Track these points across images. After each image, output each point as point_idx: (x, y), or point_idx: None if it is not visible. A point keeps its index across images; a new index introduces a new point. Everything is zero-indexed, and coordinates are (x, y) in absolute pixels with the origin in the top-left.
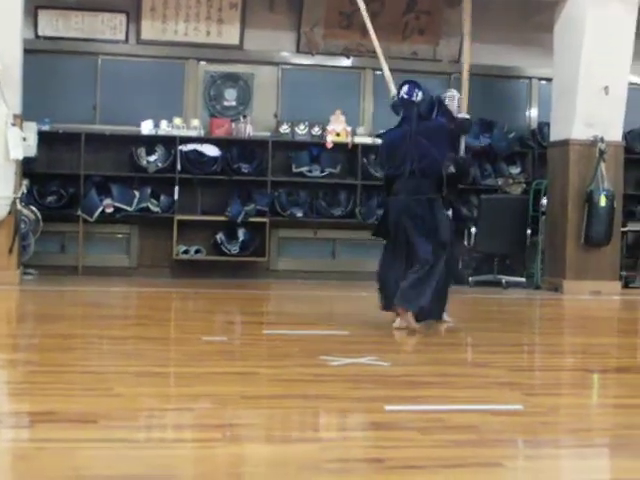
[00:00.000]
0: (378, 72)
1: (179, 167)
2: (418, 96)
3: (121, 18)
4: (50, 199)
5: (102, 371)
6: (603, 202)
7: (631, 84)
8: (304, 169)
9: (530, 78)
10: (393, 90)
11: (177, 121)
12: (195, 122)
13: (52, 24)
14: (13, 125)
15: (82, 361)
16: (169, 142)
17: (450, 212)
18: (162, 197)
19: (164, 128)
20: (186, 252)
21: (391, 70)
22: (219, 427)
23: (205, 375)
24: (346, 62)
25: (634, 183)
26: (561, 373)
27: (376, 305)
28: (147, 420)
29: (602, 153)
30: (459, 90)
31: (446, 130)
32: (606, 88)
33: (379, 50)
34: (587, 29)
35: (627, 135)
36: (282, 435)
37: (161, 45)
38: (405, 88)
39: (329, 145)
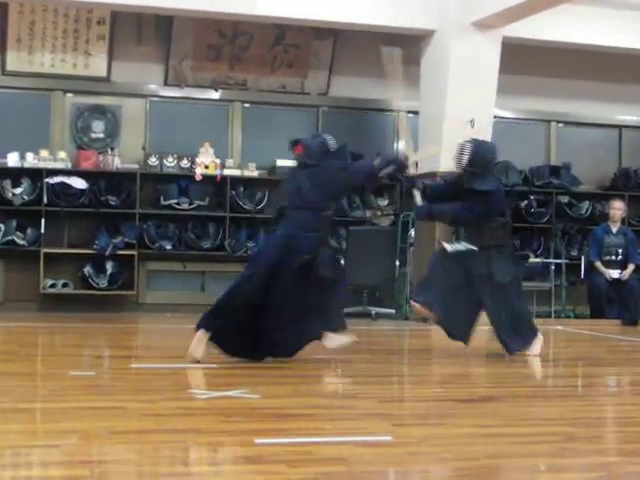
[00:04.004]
0: (246, 105)
1: (45, 200)
2: None
3: None
4: None
5: None
6: None
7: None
8: (172, 201)
9: (398, 111)
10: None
11: (43, 153)
12: (62, 154)
13: None
14: None
15: None
16: (35, 174)
17: None
18: (28, 230)
19: (30, 160)
20: (53, 286)
21: (260, 103)
22: (87, 463)
23: (72, 410)
24: (214, 94)
25: None
26: (430, 403)
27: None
28: (13, 458)
29: None
30: None
31: None
32: (472, 121)
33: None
34: (452, 63)
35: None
36: (151, 470)
37: (27, 77)
38: None
39: (198, 177)
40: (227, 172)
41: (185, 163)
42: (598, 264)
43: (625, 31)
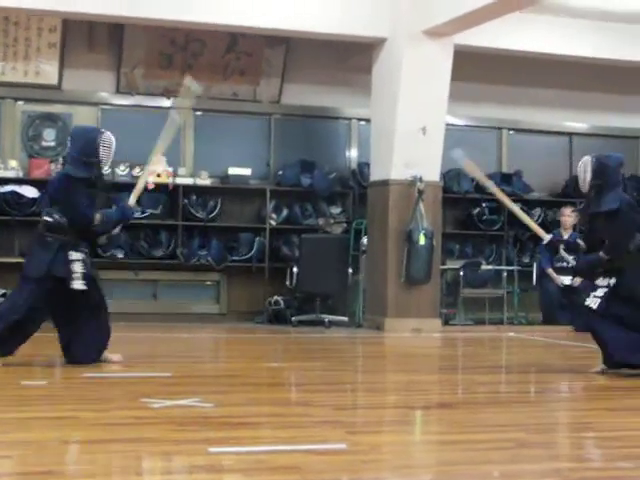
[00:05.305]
0: (198, 112)
1: None
2: None
3: None
4: None
5: None
6: (422, 241)
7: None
8: None
9: (350, 119)
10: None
11: None
12: (13, 163)
13: None
14: None
15: None
16: None
17: None
18: None
19: None
20: (4, 295)
21: (212, 111)
22: (39, 474)
23: (24, 420)
24: (166, 102)
25: (452, 222)
26: (384, 411)
27: (201, 346)
28: None
29: (421, 193)
30: None
31: None
32: (423, 129)
33: None
34: (404, 70)
35: (445, 175)
36: None
37: None
38: None
39: (150, 186)
40: (179, 181)
41: (137, 172)
42: (550, 271)
43: (575, 39)
